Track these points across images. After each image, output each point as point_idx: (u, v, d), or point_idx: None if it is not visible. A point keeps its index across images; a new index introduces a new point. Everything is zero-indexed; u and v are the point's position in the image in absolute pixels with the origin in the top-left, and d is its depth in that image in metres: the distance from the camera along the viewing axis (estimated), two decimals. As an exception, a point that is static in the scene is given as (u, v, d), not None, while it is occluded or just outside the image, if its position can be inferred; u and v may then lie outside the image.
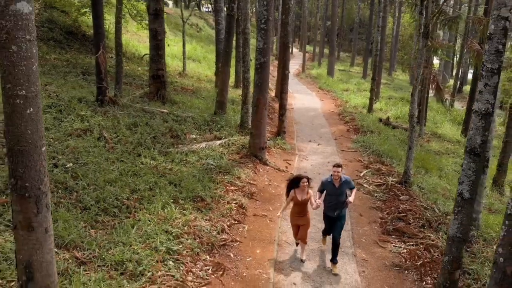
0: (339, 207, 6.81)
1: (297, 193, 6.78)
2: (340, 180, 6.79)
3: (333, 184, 6.81)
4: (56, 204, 6.58)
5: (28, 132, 4.08)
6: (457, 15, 15.13)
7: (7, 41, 3.87)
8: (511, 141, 12.24)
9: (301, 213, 6.88)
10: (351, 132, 16.71)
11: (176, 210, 7.33)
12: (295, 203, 6.86)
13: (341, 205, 6.82)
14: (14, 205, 4.27)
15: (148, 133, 10.62)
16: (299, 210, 6.86)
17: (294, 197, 6.80)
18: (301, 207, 6.84)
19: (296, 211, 6.90)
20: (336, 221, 6.89)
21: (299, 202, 6.78)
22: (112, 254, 5.67)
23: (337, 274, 6.70)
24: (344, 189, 6.87)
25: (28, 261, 4.33)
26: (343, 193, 6.86)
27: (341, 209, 6.82)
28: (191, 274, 5.85)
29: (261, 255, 7.11)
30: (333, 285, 6.46)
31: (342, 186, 6.82)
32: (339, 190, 6.80)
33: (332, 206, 6.85)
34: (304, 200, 6.78)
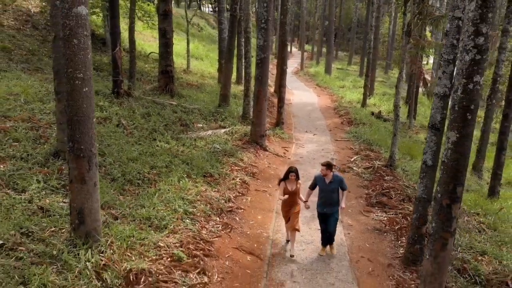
0: (330, 203, 6.99)
1: (287, 184, 7.15)
2: (332, 177, 6.99)
3: (324, 181, 7.02)
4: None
5: (84, 106, 5.32)
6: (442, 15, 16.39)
7: (70, 35, 5.12)
8: (488, 130, 13.47)
9: (292, 202, 7.17)
10: (345, 124, 17.94)
11: (189, 183, 8.57)
12: (285, 193, 7.14)
13: (333, 201, 7.00)
14: (70, 163, 5.53)
15: (160, 122, 11.85)
16: (290, 200, 7.16)
17: (285, 188, 7.14)
18: (291, 197, 7.14)
19: (287, 201, 7.18)
20: (330, 217, 7.05)
21: (290, 192, 7.11)
22: (140, 213, 6.91)
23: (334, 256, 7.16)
24: (336, 186, 7.01)
25: (81, 208, 5.57)
26: (335, 190, 7.00)
27: (332, 207, 7.01)
28: (204, 229, 7.10)
29: (262, 220, 8.36)
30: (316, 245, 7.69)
31: (333, 183, 6.99)
32: (330, 187, 6.97)
33: (324, 202, 7.02)
34: (294, 190, 7.13)
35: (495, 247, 8.19)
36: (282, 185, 7.25)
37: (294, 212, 7.17)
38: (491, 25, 4.11)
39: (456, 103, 4.39)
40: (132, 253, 5.78)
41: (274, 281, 6.36)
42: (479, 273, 7.05)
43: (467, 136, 4.40)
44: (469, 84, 4.24)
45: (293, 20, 56.17)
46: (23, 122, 9.42)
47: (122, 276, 5.26)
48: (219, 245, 6.88)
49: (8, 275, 4.85)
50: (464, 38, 4.27)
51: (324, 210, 7.04)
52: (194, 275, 5.79)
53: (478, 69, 4.20)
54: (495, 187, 11.42)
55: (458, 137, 4.41)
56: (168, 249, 6.12)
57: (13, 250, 5.30)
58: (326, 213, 7.04)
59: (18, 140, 8.42)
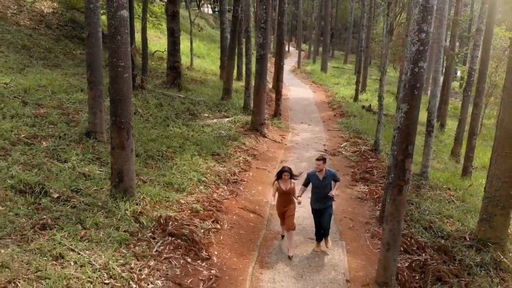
0: (324, 199, 7.04)
1: (281, 183, 7.09)
2: (325, 173, 7.04)
3: (317, 177, 7.05)
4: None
5: (124, 88, 6.83)
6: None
7: (115, 33, 6.63)
8: (464, 119, 15.01)
9: (286, 201, 7.16)
10: (337, 116, 19.46)
11: (200, 159, 10.08)
12: (280, 193, 7.13)
13: (327, 197, 7.04)
14: (112, 133, 7.03)
15: (171, 111, 13.37)
16: (284, 200, 7.14)
17: (278, 187, 7.10)
18: (285, 197, 7.13)
19: (282, 201, 7.17)
20: (324, 212, 7.13)
21: (283, 191, 7.08)
22: (163, 179, 8.42)
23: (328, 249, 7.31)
24: (329, 181, 7.07)
25: (120, 169, 7.08)
26: (328, 185, 7.06)
27: (325, 202, 7.09)
28: (215, 193, 8.62)
29: (262, 190, 9.88)
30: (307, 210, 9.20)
31: (326, 178, 7.04)
32: (323, 182, 7.01)
33: (318, 199, 7.09)
34: (288, 190, 7.09)
35: (461, 214, 9.71)
36: (275, 185, 7.17)
37: (289, 213, 7.14)
38: (430, 24, 5.61)
39: (406, 82, 5.89)
40: (160, 206, 7.30)
41: (271, 231, 7.90)
42: (443, 230, 8.58)
43: (415, 107, 5.90)
44: (415, 68, 5.73)
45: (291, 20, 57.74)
46: (54, 109, 10.92)
47: (154, 220, 6.76)
48: (227, 205, 8.40)
49: (67, 217, 6.34)
50: (411, 34, 5.77)
51: (319, 206, 7.12)
52: (209, 222, 7.31)
53: (422, 57, 5.69)
54: (468, 167, 12.96)
55: (408, 107, 5.92)
56: (188, 204, 7.64)
57: (67, 201, 6.80)
58: (320, 209, 7.13)
59: (54, 123, 9.92)
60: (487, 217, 8.14)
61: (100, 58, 9.54)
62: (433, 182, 11.53)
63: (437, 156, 15.68)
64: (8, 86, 11.64)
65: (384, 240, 6.36)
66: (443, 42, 10.98)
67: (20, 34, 17.59)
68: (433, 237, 8.30)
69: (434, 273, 6.84)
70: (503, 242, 8.15)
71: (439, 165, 14.51)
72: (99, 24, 9.42)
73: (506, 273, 7.42)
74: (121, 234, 6.12)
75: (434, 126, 11.42)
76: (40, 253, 5.32)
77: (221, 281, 6.07)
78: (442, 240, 8.19)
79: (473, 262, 7.42)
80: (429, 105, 11.33)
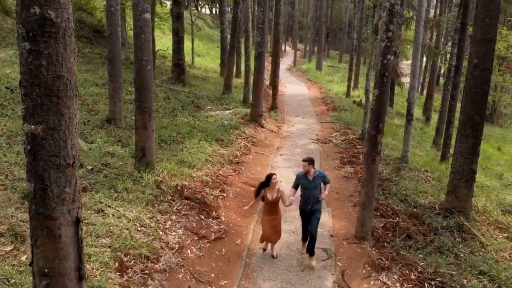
0: (313, 200, 6.79)
1: (267, 192, 6.66)
2: (313, 173, 6.82)
3: (307, 178, 6.81)
4: (135, 135, 10.68)
5: (147, 78, 8.23)
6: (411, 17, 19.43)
7: (139, 32, 8.02)
8: (444, 111, 16.45)
9: (272, 212, 6.76)
10: (330, 110, 20.90)
11: (206, 144, 11.47)
12: (266, 202, 6.74)
13: (316, 198, 6.79)
14: (136, 116, 8.43)
15: (178, 103, 14.76)
16: (270, 209, 6.73)
17: (264, 196, 6.69)
18: (272, 206, 6.71)
19: (267, 210, 6.76)
20: (312, 216, 6.86)
21: (270, 201, 6.66)
22: (175, 158, 9.81)
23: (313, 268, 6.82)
24: (319, 182, 6.84)
25: (143, 146, 8.47)
26: (318, 186, 6.84)
27: (314, 204, 6.81)
28: (221, 171, 10.02)
29: (261, 170, 11.29)
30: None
31: (316, 179, 6.80)
32: (313, 183, 6.78)
33: (307, 201, 6.82)
34: (275, 199, 6.68)
35: (435, 190, 11.13)
36: (261, 193, 6.77)
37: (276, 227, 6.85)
38: (395, 25, 7.02)
39: (378, 72, 7.31)
40: (175, 177, 8.70)
41: (270, 201, 9.30)
42: (416, 202, 10.01)
43: (384, 92, 7.32)
44: (384, 60, 7.14)
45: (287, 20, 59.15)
46: (76, 100, 12.28)
47: (172, 187, 8.16)
48: (231, 180, 9.82)
49: (102, 184, 7.72)
50: (380, 33, 7.19)
51: (308, 208, 6.86)
52: (217, 191, 8.73)
53: (389, 51, 7.10)
54: (445, 153, 14.39)
55: (379, 92, 7.33)
56: (199, 177, 9.05)
57: (99, 172, 8.19)
58: (307, 210, 6.88)
59: (77, 112, 11.29)
60: (453, 189, 9.57)
61: (119, 54, 10.92)
62: (413, 165, 12.96)
63: (420, 145, 17.15)
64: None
65: (361, 201, 7.79)
66: (420, 40, 12.39)
67: (33, 34, 18.85)
68: (407, 207, 9.72)
69: (404, 231, 8.26)
70: (467, 210, 9.57)
71: (421, 153, 15.95)
72: (118, 24, 10.78)
73: (467, 235, 8.84)
74: (147, 196, 7.51)
75: (413, 115, 12.85)
76: (85, 207, 6.70)
77: (228, 234, 7.49)
78: (415, 209, 9.63)
79: (440, 226, 8.83)
80: (408, 96, 12.76)
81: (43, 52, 2.87)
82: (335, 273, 6.80)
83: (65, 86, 2.99)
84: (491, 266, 7.44)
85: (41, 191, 3.07)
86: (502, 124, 27.58)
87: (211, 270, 6.43)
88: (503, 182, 13.97)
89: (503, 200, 11.07)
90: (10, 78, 12.45)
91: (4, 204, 6.26)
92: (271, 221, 6.77)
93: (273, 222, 6.78)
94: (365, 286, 6.50)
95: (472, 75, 9.11)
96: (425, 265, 7.13)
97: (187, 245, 6.68)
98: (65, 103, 3.01)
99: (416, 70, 12.68)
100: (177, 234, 6.80)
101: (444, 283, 6.73)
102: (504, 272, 7.34)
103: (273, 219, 6.79)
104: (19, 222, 5.81)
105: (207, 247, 6.92)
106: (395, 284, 6.54)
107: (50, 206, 3.10)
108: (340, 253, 7.44)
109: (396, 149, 15.00)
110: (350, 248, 7.62)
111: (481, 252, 8.20)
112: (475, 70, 9.01)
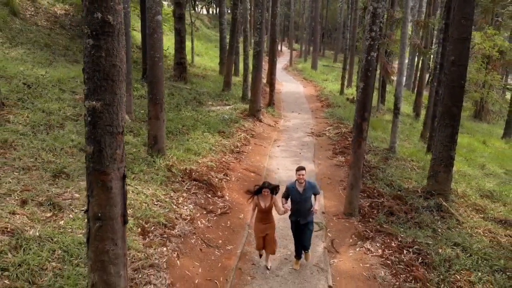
0: (304, 213, 6.57)
1: (260, 200, 6.49)
2: (305, 185, 6.52)
3: (297, 190, 6.53)
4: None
5: (159, 73, 9.23)
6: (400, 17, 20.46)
7: (153, 32, 9.02)
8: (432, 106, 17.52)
9: (265, 220, 6.58)
10: (324, 107, 21.96)
11: (209, 135, 12.46)
12: (258, 210, 6.57)
13: (307, 211, 6.58)
14: (149, 107, 9.41)
15: (181, 99, 15.74)
16: (263, 217, 6.57)
17: (257, 203, 6.53)
18: (265, 214, 6.55)
19: (260, 218, 6.59)
20: (304, 229, 6.63)
21: (263, 209, 6.50)
22: (182, 147, 10.79)
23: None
24: (309, 194, 6.58)
25: (155, 135, 9.46)
26: (309, 198, 6.57)
27: (306, 216, 6.61)
28: (223, 158, 11.02)
29: (259, 159, 12.30)
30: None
31: (307, 191, 6.53)
32: (303, 196, 6.51)
33: (298, 213, 6.58)
34: (268, 207, 6.50)
35: (419, 177, 12.16)
36: (254, 200, 6.59)
37: (270, 236, 6.61)
38: (378, 26, 8.04)
39: (362, 67, 8.34)
40: (184, 163, 9.69)
41: (268, 184, 10.31)
42: (401, 186, 11.04)
43: (368, 84, 8.34)
44: (368, 56, 8.16)
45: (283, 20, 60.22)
46: (87, 96, 13.22)
47: (182, 171, 9.14)
48: (233, 166, 10.83)
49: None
50: (365, 32, 8.22)
51: (298, 220, 6.62)
52: (221, 175, 9.74)
53: (372, 49, 8.12)
54: (431, 145, 15.40)
55: (364, 85, 8.35)
56: (204, 163, 10.05)
57: (116, 158, 9.15)
58: (300, 223, 6.63)
59: (90, 106, 12.23)
60: (434, 174, 10.61)
61: (130, 53, 11.89)
62: (400, 155, 14.02)
63: (408, 139, 18.21)
64: (45, 77, 13.93)
65: (349, 182, 8.82)
66: (406, 39, 13.45)
67: (40, 34, 19.78)
68: (392, 190, 10.75)
69: (388, 209, 9.29)
70: (447, 193, 10.59)
71: (409, 145, 17.01)
72: (129, 25, 11.74)
73: (445, 213, 9.85)
74: (160, 177, 8.50)
75: (400, 109, 13.91)
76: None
77: (232, 210, 8.50)
78: (399, 192, 10.66)
79: (420, 206, 9.86)
80: (395, 92, 13.82)
81: (102, 47, 3.86)
82: (326, 241, 7.82)
83: (118, 72, 3.99)
84: (465, 239, 8.43)
85: (98, 152, 4.06)
86: (489, 120, 28.73)
87: (218, 237, 7.44)
88: (485, 172, 15.01)
89: (483, 187, 12.07)
90: (25, 75, 13.39)
91: (39, 181, 7.23)
92: (263, 230, 6.59)
93: (265, 231, 6.59)
94: (351, 252, 7.53)
95: (450, 71, 10.17)
96: (405, 236, 8.15)
97: (197, 217, 7.68)
98: (117, 85, 4.01)
99: (403, 67, 13.75)
100: (188, 208, 7.80)
101: (421, 250, 7.75)
102: (476, 244, 8.34)
103: (266, 228, 6.59)
104: (54, 195, 6.78)
105: (214, 220, 7.93)
106: (377, 250, 7.56)
107: (105, 164, 4.09)
108: (330, 226, 8.46)
109: (385, 142, 16.04)
110: (339, 222, 8.64)
111: (457, 228, 9.22)
112: (453, 66, 10.06)
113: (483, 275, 7.21)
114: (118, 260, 4.39)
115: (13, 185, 6.80)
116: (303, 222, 6.61)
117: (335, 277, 6.73)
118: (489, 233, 9.06)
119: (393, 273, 6.89)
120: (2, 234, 5.57)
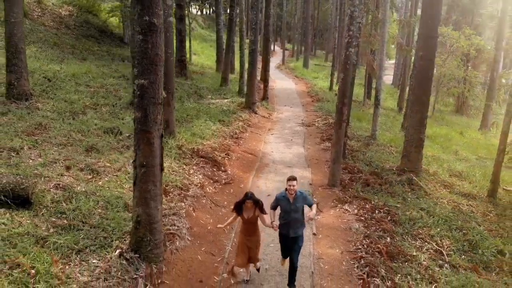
0: (294, 226, 6.14)
1: (244, 210, 6.09)
2: (295, 195, 6.08)
3: (287, 200, 6.11)
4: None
5: (170, 66, 10.81)
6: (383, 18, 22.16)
7: (165, 31, 10.60)
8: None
9: (249, 232, 6.19)
10: (314, 102, 23.64)
11: (211, 123, 14.06)
12: (242, 221, 6.21)
13: (297, 223, 6.14)
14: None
15: (183, 93, 17.31)
16: (247, 228, 6.18)
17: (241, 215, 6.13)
18: (249, 226, 6.17)
19: (244, 229, 6.21)
20: (293, 244, 6.20)
21: (246, 220, 6.12)
22: (189, 131, 12.38)
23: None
24: (300, 205, 6.14)
25: (167, 119, 11.04)
26: (299, 210, 6.14)
27: (296, 229, 6.16)
28: (224, 142, 12.63)
29: (256, 144, 13.93)
30: (287, 154, 13.26)
31: (297, 201, 6.10)
32: (293, 206, 6.09)
33: (287, 224, 6.14)
34: (251, 219, 6.10)
35: (396, 159, 13.84)
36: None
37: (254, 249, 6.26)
38: (355, 26, 9.72)
39: (342, 61, 10.00)
40: (191, 144, 11.28)
41: (262, 163, 11.96)
42: (378, 165, 12.72)
43: (347, 75, 9.99)
44: (347, 52, 9.82)
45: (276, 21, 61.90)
46: (100, 88, 14.76)
47: (190, 150, 10.74)
48: (233, 148, 12.45)
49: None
50: (344, 32, 9.87)
51: (288, 232, 6.17)
52: (223, 154, 11.35)
53: (350, 45, 9.76)
54: (409, 134, 17.16)
55: (344, 76, 10.01)
56: (209, 144, 11.65)
57: (134, 139, 10.71)
58: (289, 236, 6.18)
59: (104, 97, 13.77)
60: (406, 154, 12.29)
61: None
62: (380, 142, 15.73)
63: (390, 130, 19.94)
64: (60, 72, 15.42)
65: (332, 157, 10.48)
66: (385, 38, 15.17)
67: (48, 33, 21.19)
68: (370, 168, 12.43)
69: (365, 181, 10.97)
70: (418, 170, 12.24)
71: (390, 135, 18.75)
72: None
73: (415, 186, 11.51)
74: (173, 154, 10.09)
75: (380, 100, 15.62)
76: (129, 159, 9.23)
77: (234, 181, 10.12)
78: (376, 170, 12.35)
79: (394, 180, 11.52)
80: (376, 85, 15.52)
81: (149, 41, 5.46)
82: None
83: (159, 59, 5.60)
84: (429, 205, 10.06)
85: (144, 117, 5.66)
86: (470, 114, 30.63)
87: (224, 200, 9.07)
88: (457, 157, 16.76)
89: (453, 168, 13.74)
90: (43, 70, 14.90)
91: (75, 153, 8.79)
92: (245, 243, 6.21)
93: (248, 243, 6.20)
94: (332, 211, 9.19)
95: (419, 64, 11.88)
96: (378, 201, 9.82)
97: (206, 185, 9.30)
98: (159, 69, 5.62)
99: (382, 63, 15.46)
100: (198, 178, 9.41)
101: (390, 211, 9.41)
102: (439, 209, 9.98)
103: (249, 240, 6.20)
104: (90, 163, 8.34)
105: (220, 188, 9.55)
106: (353, 211, 9.21)
107: (149, 125, 5.70)
108: (316, 194, 10.11)
109: (369, 131, 17.74)
110: (324, 191, 10.30)
111: (425, 198, 10.88)
112: (421, 60, 11.76)
113: (442, 231, 8.82)
114: (157, 198, 6.00)
115: (56, 156, 8.36)
116: (292, 235, 6.15)
117: (318, 228, 8.38)
118: (453, 203, 10.65)
119: (365, 225, 8.54)
120: (56, 189, 7.13)
